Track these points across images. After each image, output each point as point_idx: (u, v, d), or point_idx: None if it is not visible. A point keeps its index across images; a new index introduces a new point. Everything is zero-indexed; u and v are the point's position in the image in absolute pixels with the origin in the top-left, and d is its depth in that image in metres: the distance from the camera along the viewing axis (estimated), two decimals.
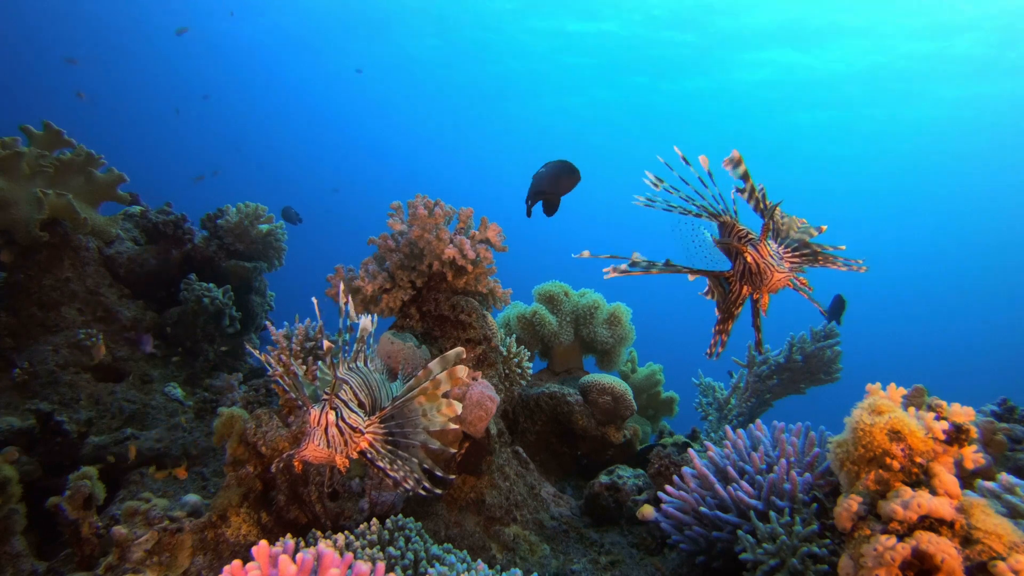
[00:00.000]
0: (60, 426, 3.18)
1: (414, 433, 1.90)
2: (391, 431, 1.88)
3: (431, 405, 1.88)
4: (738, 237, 1.88)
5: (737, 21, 20.05)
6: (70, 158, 3.97)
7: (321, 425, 1.69)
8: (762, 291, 1.83)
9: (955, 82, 20.32)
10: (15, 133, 3.84)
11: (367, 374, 1.98)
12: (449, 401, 1.87)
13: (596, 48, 23.72)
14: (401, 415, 1.89)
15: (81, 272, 4.06)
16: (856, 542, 1.57)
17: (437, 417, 1.89)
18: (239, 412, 2.50)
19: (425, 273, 2.98)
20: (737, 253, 1.83)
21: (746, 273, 1.82)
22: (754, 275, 1.78)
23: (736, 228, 1.90)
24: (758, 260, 1.75)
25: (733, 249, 1.87)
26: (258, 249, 5.00)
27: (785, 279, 1.75)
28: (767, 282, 1.76)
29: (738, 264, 1.84)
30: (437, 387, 1.80)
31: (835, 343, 4.33)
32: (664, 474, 2.86)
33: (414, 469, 1.88)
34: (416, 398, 1.83)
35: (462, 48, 25.46)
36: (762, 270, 1.75)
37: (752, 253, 1.76)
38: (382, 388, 2.02)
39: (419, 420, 1.89)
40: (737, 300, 1.94)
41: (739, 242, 1.83)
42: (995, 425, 2.20)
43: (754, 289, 1.84)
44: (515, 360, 3.32)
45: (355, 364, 2.00)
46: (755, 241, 1.79)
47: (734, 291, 1.93)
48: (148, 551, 2.15)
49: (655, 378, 4.63)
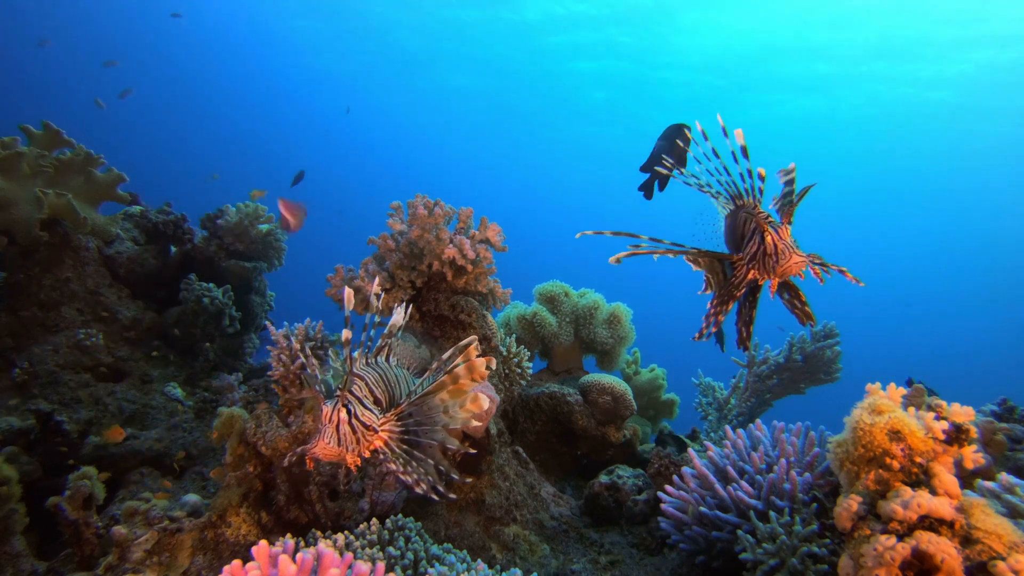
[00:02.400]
0: (60, 426, 3.18)
1: (432, 431, 1.81)
2: (408, 429, 1.81)
3: (454, 401, 1.77)
4: (753, 224, 1.85)
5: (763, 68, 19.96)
6: (70, 158, 3.97)
7: (332, 422, 1.65)
8: (774, 275, 1.81)
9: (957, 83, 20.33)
10: (15, 133, 3.85)
11: (386, 370, 1.91)
12: (476, 395, 1.75)
13: (601, 50, 23.73)
14: (420, 412, 1.80)
15: (81, 272, 4.06)
16: (856, 542, 1.57)
17: (460, 414, 1.78)
18: (239, 412, 2.50)
19: (425, 273, 2.98)
20: (755, 232, 1.81)
21: (758, 255, 1.80)
22: (769, 256, 1.77)
23: (756, 210, 1.87)
24: (777, 241, 1.74)
25: (748, 231, 1.84)
26: (258, 249, 5.00)
27: (801, 264, 1.74)
28: (782, 264, 1.75)
29: (752, 245, 1.82)
30: (456, 380, 1.70)
31: (835, 343, 4.33)
32: (664, 474, 2.86)
33: (429, 471, 1.81)
34: (438, 394, 1.74)
35: (462, 48, 25.46)
36: (780, 251, 1.74)
37: (772, 234, 1.75)
38: (401, 384, 1.94)
39: (439, 417, 1.79)
40: (740, 284, 1.91)
41: (763, 224, 1.80)
42: (995, 425, 2.20)
43: (764, 272, 1.82)
44: (515, 360, 3.32)
45: (374, 359, 1.93)
46: (775, 224, 1.78)
47: (738, 275, 1.90)
48: (148, 551, 2.15)
49: (657, 382, 4.63)
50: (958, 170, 26.97)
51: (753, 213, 1.84)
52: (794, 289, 1.95)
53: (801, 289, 1.96)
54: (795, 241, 1.77)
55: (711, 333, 1.96)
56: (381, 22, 23.79)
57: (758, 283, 1.96)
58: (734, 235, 1.97)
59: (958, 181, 28.26)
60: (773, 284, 1.87)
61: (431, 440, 1.81)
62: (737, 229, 1.94)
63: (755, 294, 2.02)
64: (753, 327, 2.03)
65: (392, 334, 1.98)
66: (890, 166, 28.78)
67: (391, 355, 2.03)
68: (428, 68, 28.08)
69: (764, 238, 1.77)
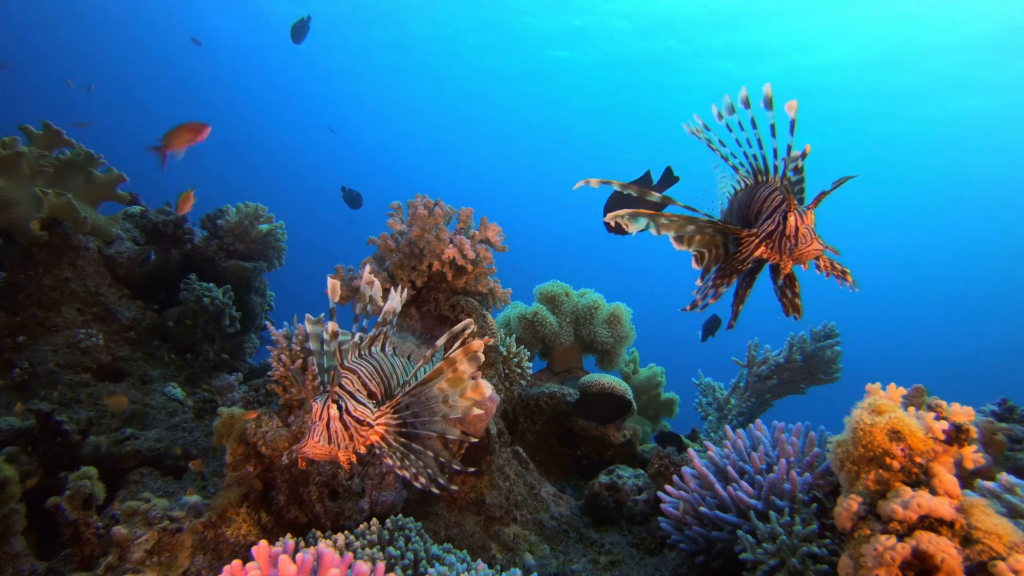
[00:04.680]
0: (60, 426, 3.18)
1: (431, 423, 1.73)
2: (406, 421, 1.74)
3: (454, 390, 1.68)
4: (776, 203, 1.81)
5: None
6: (70, 158, 3.97)
7: (323, 420, 1.60)
8: (789, 257, 1.76)
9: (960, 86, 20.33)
10: (15, 133, 3.84)
11: (382, 360, 1.84)
12: (476, 383, 1.67)
13: (598, 45, 23.72)
14: (418, 403, 1.73)
15: (81, 272, 4.06)
16: (856, 542, 1.57)
17: (461, 402, 1.69)
18: (239, 412, 2.50)
19: (425, 273, 2.98)
20: (777, 210, 1.76)
21: (776, 235, 1.76)
22: (787, 238, 1.73)
23: (776, 189, 1.83)
24: (800, 225, 1.71)
25: (768, 208, 1.80)
26: (258, 249, 5.00)
27: (819, 252, 1.72)
28: (801, 248, 1.72)
29: (770, 224, 1.78)
30: (453, 366, 1.62)
31: (835, 343, 4.33)
32: (664, 474, 2.86)
33: (428, 464, 1.75)
34: (436, 383, 1.66)
35: (463, 47, 25.46)
36: (800, 235, 1.71)
37: (797, 216, 1.72)
38: (397, 374, 1.87)
39: (438, 408, 1.71)
40: (746, 260, 1.86)
41: (782, 204, 1.77)
42: (995, 425, 2.20)
43: (779, 253, 1.78)
44: (515, 360, 3.32)
45: (368, 350, 1.85)
46: (802, 207, 1.74)
47: (744, 251, 1.85)
48: (148, 551, 2.15)
49: (656, 380, 4.64)
50: (959, 170, 26.96)
51: (784, 191, 1.78)
52: (791, 278, 1.93)
53: (798, 280, 1.93)
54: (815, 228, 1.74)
55: (706, 305, 1.92)
56: (384, 17, 23.78)
57: (765, 263, 1.91)
58: (746, 211, 1.92)
59: (958, 181, 28.25)
60: (786, 267, 1.82)
61: (430, 431, 1.74)
62: (753, 205, 1.88)
63: (754, 275, 1.99)
64: (742, 307, 1.99)
65: (387, 321, 1.90)
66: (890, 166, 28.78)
67: (387, 343, 1.95)
68: (429, 67, 28.09)
69: (787, 219, 1.72)
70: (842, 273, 1.87)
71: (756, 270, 1.99)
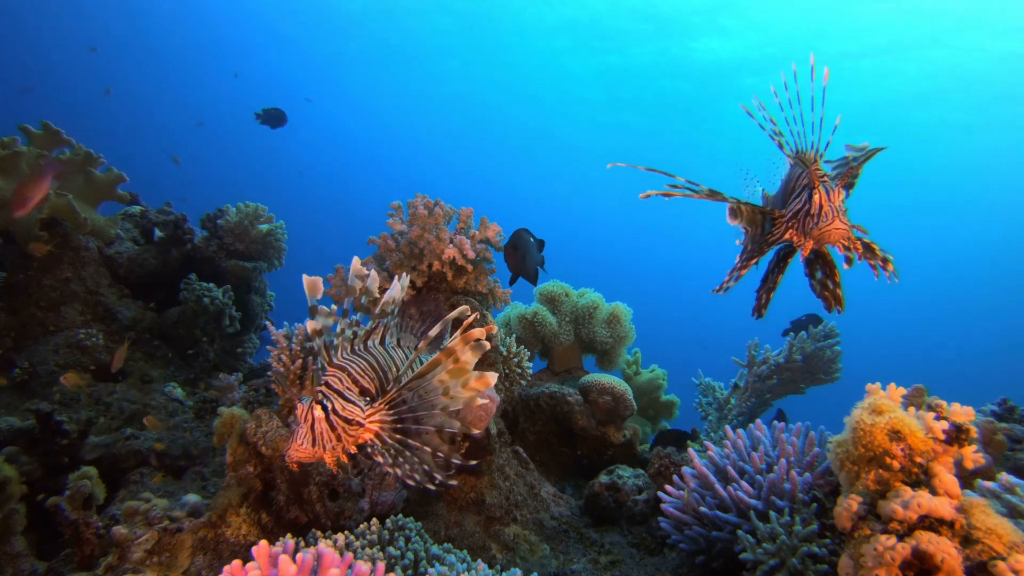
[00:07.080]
0: (60, 426, 3.18)
1: (428, 417, 1.66)
2: (401, 416, 1.67)
3: (455, 380, 1.60)
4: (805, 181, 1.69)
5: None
6: (69, 157, 3.97)
7: (307, 422, 1.55)
8: (809, 238, 1.64)
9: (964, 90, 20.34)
10: (15, 133, 3.84)
11: (378, 355, 1.76)
12: (480, 372, 1.59)
13: (595, 45, 23.72)
14: (415, 397, 1.66)
15: (81, 272, 4.06)
16: (856, 542, 1.57)
17: (463, 393, 1.61)
18: (239, 412, 2.50)
19: (425, 273, 2.98)
20: (804, 188, 1.66)
21: (800, 214, 1.64)
22: (810, 216, 1.61)
23: (815, 165, 1.70)
24: (824, 202, 1.59)
25: (799, 186, 1.69)
26: (258, 249, 5.00)
27: (842, 233, 1.60)
28: (823, 227, 1.59)
29: (797, 203, 1.66)
30: (453, 355, 1.55)
31: (835, 343, 4.33)
32: (664, 474, 2.86)
33: (424, 460, 1.69)
34: (435, 375, 1.59)
35: (462, 48, 25.46)
36: (823, 212, 1.59)
37: (822, 193, 1.60)
38: (394, 367, 1.79)
39: (437, 400, 1.63)
40: (773, 241, 1.75)
41: (816, 179, 1.64)
42: (995, 425, 2.20)
43: (801, 234, 1.67)
44: (515, 360, 3.32)
45: (364, 345, 1.78)
46: (830, 184, 1.62)
47: (775, 232, 1.74)
48: (148, 551, 2.14)
49: (657, 382, 4.64)
50: (958, 170, 26.97)
51: (810, 167, 1.65)
52: (830, 267, 1.78)
53: (838, 268, 1.77)
54: (845, 209, 1.61)
55: (728, 288, 1.83)
56: (384, 17, 23.77)
57: (793, 247, 1.79)
58: (785, 190, 1.83)
59: (958, 181, 28.25)
60: (806, 249, 1.70)
61: (428, 426, 1.68)
62: (789, 184, 1.79)
63: (786, 260, 1.88)
64: (773, 295, 1.88)
65: (387, 312, 1.81)
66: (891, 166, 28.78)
67: (388, 335, 1.87)
68: (429, 67, 28.08)
69: (812, 195, 1.61)
70: (883, 261, 1.72)
71: (789, 255, 1.87)
